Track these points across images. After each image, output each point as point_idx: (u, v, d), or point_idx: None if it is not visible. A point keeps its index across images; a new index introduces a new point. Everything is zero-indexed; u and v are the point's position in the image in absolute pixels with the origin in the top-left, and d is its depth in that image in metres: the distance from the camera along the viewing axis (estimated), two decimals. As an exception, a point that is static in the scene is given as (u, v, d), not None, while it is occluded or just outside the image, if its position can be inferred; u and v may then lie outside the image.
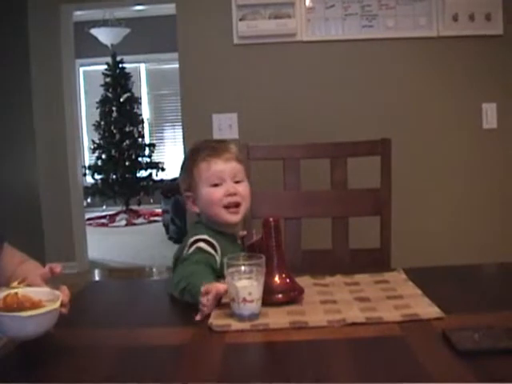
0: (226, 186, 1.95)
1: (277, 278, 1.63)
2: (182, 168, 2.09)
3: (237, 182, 1.98)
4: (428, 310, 1.50)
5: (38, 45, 5.84)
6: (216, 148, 2.01)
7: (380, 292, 1.69)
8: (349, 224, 2.45)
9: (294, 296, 1.62)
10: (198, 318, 1.55)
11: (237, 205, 1.96)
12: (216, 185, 1.96)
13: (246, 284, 1.54)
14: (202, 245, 1.90)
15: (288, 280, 1.64)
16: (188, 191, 2.04)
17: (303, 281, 1.75)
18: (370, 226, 2.41)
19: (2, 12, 4.96)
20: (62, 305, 1.39)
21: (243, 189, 1.99)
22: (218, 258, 1.87)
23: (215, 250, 1.90)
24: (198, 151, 2.04)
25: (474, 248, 3.65)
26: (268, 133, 3.65)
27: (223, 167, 1.96)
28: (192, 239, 1.92)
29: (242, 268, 1.57)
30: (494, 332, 1.29)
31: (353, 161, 2.44)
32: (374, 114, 3.72)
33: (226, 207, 1.94)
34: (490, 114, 3.68)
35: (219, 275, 1.74)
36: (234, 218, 1.95)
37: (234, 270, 1.57)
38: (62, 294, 1.42)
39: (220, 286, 1.56)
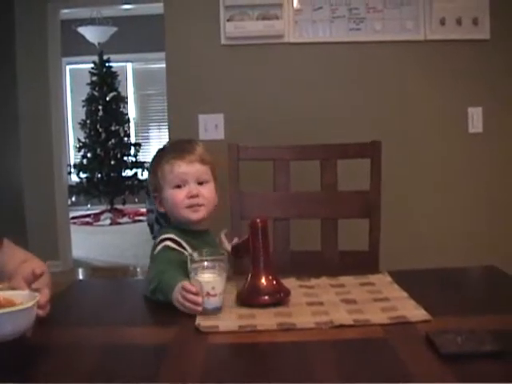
0: (188, 187, 1.96)
1: (263, 280, 1.63)
2: (149, 169, 2.12)
3: (201, 184, 1.99)
4: (415, 312, 1.51)
5: (24, 42, 5.82)
6: (180, 150, 2.02)
7: (366, 294, 1.70)
8: (338, 226, 2.46)
9: (280, 298, 1.62)
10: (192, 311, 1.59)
11: (199, 205, 1.96)
12: (179, 186, 1.97)
13: (209, 279, 1.60)
14: (168, 243, 1.93)
15: (274, 282, 1.64)
16: (155, 192, 2.06)
17: (289, 282, 1.75)
18: (359, 228, 2.41)
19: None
20: (39, 306, 1.37)
21: (207, 190, 1.99)
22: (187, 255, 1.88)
23: (183, 248, 1.93)
24: (163, 153, 2.06)
25: (461, 251, 3.66)
26: (254, 134, 3.65)
27: (186, 169, 1.97)
28: (159, 238, 1.96)
29: (205, 263, 1.63)
30: (477, 335, 1.30)
31: (342, 163, 2.44)
32: (361, 116, 3.72)
33: (189, 207, 1.95)
34: (475, 118, 3.69)
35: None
36: (195, 215, 1.95)
37: (197, 266, 1.63)
38: (41, 296, 1.39)
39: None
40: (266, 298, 1.61)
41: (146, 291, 1.79)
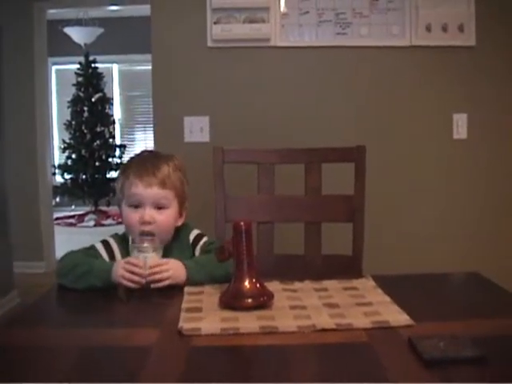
0: (142, 211, 1.95)
1: (247, 283, 1.63)
2: (117, 175, 2.12)
3: (159, 208, 1.97)
4: (398, 317, 1.51)
5: (10, 42, 5.79)
6: (143, 168, 1.99)
7: (349, 298, 1.70)
8: (322, 230, 2.46)
9: (263, 301, 1.62)
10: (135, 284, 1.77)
11: (151, 234, 1.94)
12: (136, 206, 1.97)
13: (148, 256, 1.84)
14: (98, 245, 2.01)
15: (258, 285, 1.64)
16: (117, 197, 2.08)
17: (272, 286, 1.75)
18: (343, 232, 2.42)
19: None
20: None
21: (163, 217, 1.98)
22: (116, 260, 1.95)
23: (111, 254, 1.98)
24: (129, 166, 2.05)
25: (446, 256, 3.67)
26: (239, 137, 3.65)
27: (142, 192, 1.95)
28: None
29: (146, 244, 1.87)
30: (460, 341, 1.30)
31: (327, 167, 2.45)
32: (346, 120, 3.73)
33: (140, 234, 1.94)
34: (460, 125, 3.71)
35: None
36: (146, 244, 1.91)
37: (136, 245, 1.87)
38: None
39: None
40: (249, 301, 1.61)
41: (60, 278, 1.87)
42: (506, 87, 3.74)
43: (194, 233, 2.12)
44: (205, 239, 2.10)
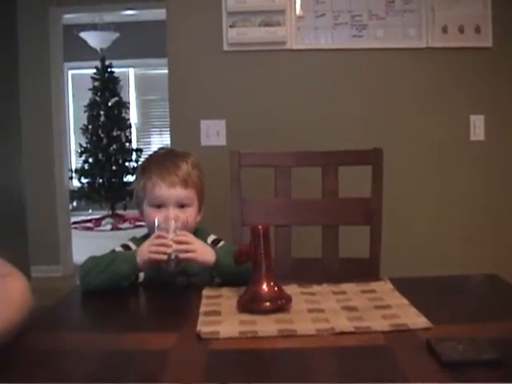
0: (165, 211, 1.97)
1: (265, 286, 1.63)
2: (136, 175, 2.13)
3: (182, 207, 1.99)
4: (416, 320, 1.51)
5: (26, 47, 5.83)
6: (164, 168, 2.00)
7: (367, 301, 1.70)
8: (339, 233, 2.45)
9: (281, 304, 1.61)
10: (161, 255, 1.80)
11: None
12: (158, 206, 1.98)
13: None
14: (118, 249, 2.02)
15: (276, 288, 1.64)
16: (137, 199, 2.09)
17: (290, 289, 1.74)
18: (360, 235, 2.41)
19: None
20: None
21: (186, 215, 1.99)
22: None
23: None
24: (148, 166, 2.07)
25: (463, 258, 3.66)
26: (256, 140, 3.65)
27: (166, 193, 1.97)
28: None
29: (170, 224, 1.87)
30: (478, 343, 1.29)
31: (344, 170, 2.44)
32: (363, 123, 3.72)
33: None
34: (477, 126, 3.69)
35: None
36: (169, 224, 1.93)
37: (163, 227, 1.86)
38: None
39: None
40: (268, 304, 1.60)
41: (84, 276, 1.86)
42: (524, 88, 3.73)
43: (212, 237, 2.14)
44: (222, 243, 2.11)
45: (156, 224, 1.88)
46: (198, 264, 1.87)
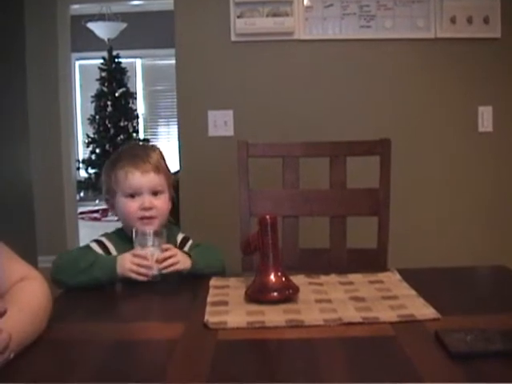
0: (141, 198, 1.98)
1: (272, 276, 1.63)
2: (103, 171, 2.11)
3: (155, 194, 2.00)
4: (424, 311, 1.51)
5: (34, 38, 5.82)
6: (135, 156, 2.01)
7: (375, 292, 1.70)
8: (347, 223, 2.45)
9: (289, 294, 1.62)
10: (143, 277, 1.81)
11: (152, 217, 1.98)
12: (132, 196, 1.98)
13: (152, 249, 1.86)
14: (92, 244, 2.00)
15: (283, 278, 1.64)
16: (107, 194, 2.08)
17: (298, 279, 1.75)
18: (368, 226, 2.40)
19: (-1, 4, 4.94)
20: None
21: (160, 202, 2.01)
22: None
23: (107, 253, 1.98)
24: (118, 157, 2.06)
25: (470, 249, 3.65)
26: (263, 131, 3.65)
27: (140, 180, 1.98)
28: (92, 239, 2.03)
29: (147, 237, 1.87)
30: (487, 334, 1.29)
31: (352, 160, 2.44)
32: (371, 114, 3.71)
33: (141, 219, 1.97)
34: (485, 118, 3.68)
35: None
36: (147, 227, 1.95)
37: (142, 240, 1.87)
38: None
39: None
40: (275, 294, 1.61)
41: (60, 274, 1.86)
42: (532, 79, 3.71)
43: (181, 236, 2.15)
44: (191, 241, 2.14)
45: (134, 236, 1.89)
46: (177, 271, 1.88)
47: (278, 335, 1.41)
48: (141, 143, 2.34)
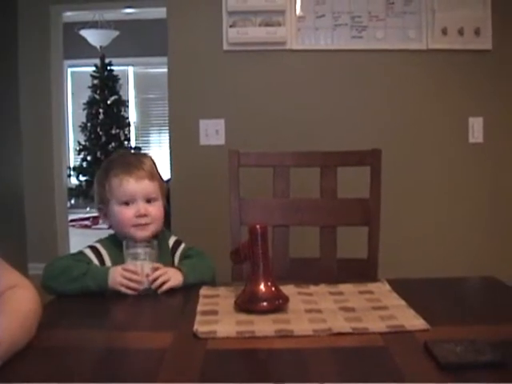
0: (136, 206, 1.97)
1: (262, 286, 1.63)
2: (96, 180, 2.10)
3: (149, 201, 2.00)
4: (413, 321, 1.51)
5: (26, 44, 5.83)
6: (129, 164, 2.00)
7: (365, 302, 1.70)
8: (337, 233, 2.45)
9: (279, 304, 1.61)
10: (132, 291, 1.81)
11: (146, 224, 1.98)
12: (127, 203, 1.98)
13: (143, 263, 1.86)
14: (86, 250, 1.99)
15: (273, 288, 1.64)
16: (100, 204, 2.06)
17: (287, 289, 1.74)
18: (358, 236, 2.41)
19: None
20: None
21: (155, 209, 2.01)
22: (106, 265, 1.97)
23: (100, 259, 1.98)
24: (111, 165, 2.05)
25: (461, 260, 3.66)
26: (255, 140, 3.65)
27: (135, 187, 1.97)
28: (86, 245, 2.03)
29: (138, 250, 1.87)
30: (477, 345, 1.29)
31: (343, 170, 2.44)
32: (362, 124, 3.72)
33: (135, 226, 1.96)
34: (476, 128, 3.70)
35: None
36: (142, 233, 1.96)
37: (131, 251, 1.87)
38: None
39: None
40: (265, 304, 1.60)
41: (51, 281, 1.85)
42: (523, 91, 3.73)
43: (173, 239, 2.15)
44: (183, 245, 2.13)
45: (124, 248, 1.89)
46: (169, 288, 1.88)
47: (268, 345, 1.41)
48: (132, 151, 2.34)
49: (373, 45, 3.67)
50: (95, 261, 1.95)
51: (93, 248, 2.00)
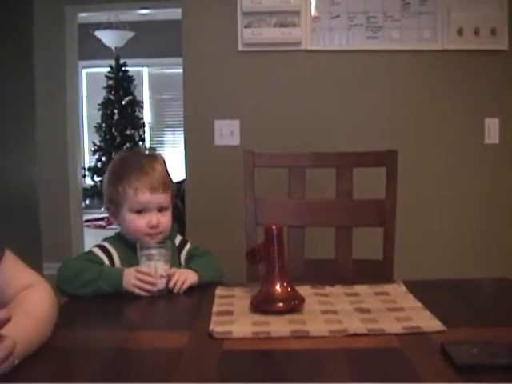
0: (149, 216, 1.98)
1: (278, 287, 1.63)
2: (107, 179, 2.09)
3: (161, 210, 2.01)
4: (429, 323, 1.50)
5: (42, 46, 5.85)
6: (144, 173, 1.99)
7: (380, 304, 1.69)
8: (352, 234, 2.45)
9: (294, 305, 1.61)
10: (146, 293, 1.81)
11: (157, 234, 2.00)
12: (139, 211, 1.99)
13: (157, 264, 1.85)
14: (95, 249, 2.00)
15: (289, 289, 1.64)
16: (109, 203, 2.06)
17: (303, 290, 1.74)
18: (374, 237, 2.40)
19: (8, 13, 4.96)
20: None
21: (165, 219, 2.02)
22: (115, 264, 1.98)
23: (110, 257, 1.98)
24: (125, 169, 2.03)
25: (477, 261, 3.65)
26: (269, 141, 3.65)
27: (149, 198, 1.98)
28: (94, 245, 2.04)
29: (152, 251, 1.87)
30: (493, 347, 1.29)
31: (358, 171, 2.43)
32: (377, 125, 3.71)
33: (147, 235, 1.98)
34: (492, 129, 3.68)
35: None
36: (151, 241, 1.98)
37: (145, 253, 1.87)
38: None
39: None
40: (281, 304, 1.61)
41: (64, 284, 1.86)
42: (539, 91, 3.71)
43: (179, 238, 2.16)
44: (189, 245, 2.15)
45: (138, 249, 1.89)
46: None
47: (283, 346, 1.41)
48: (139, 150, 2.34)
49: (388, 45, 3.65)
50: (105, 260, 1.96)
51: (102, 247, 2.01)
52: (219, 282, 1.97)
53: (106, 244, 2.03)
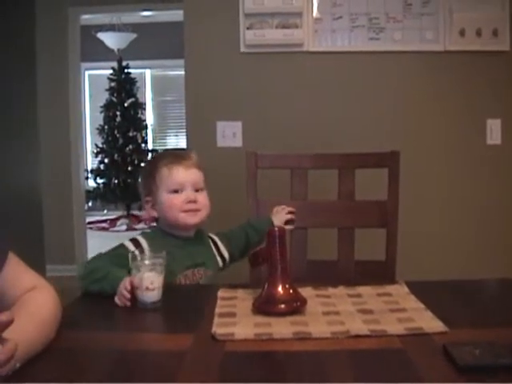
0: (186, 193, 2.04)
1: (280, 288, 1.63)
2: (142, 174, 2.18)
3: (196, 191, 2.07)
4: (432, 324, 1.50)
5: (44, 47, 5.86)
6: (177, 155, 2.10)
7: (383, 305, 1.69)
8: (355, 235, 2.45)
9: (296, 306, 1.61)
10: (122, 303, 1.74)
11: (197, 210, 2.05)
12: (176, 191, 2.04)
13: (148, 275, 1.74)
14: (126, 243, 2.03)
15: (291, 290, 1.64)
16: (148, 196, 2.11)
17: (305, 291, 1.74)
18: (376, 238, 2.40)
19: (11, 14, 4.97)
20: None
21: (203, 198, 2.08)
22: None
23: (140, 248, 2.00)
24: (159, 158, 2.13)
25: (479, 262, 3.64)
26: (272, 142, 3.65)
27: (184, 175, 2.05)
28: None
29: (146, 261, 1.78)
30: (496, 348, 1.28)
31: (360, 172, 2.44)
32: (379, 126, 3.71)
33: (186, 212, 2.03)
34: (494, 130, 3.68)
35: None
36: (192, 219, 2.04)
37: (138, 264, 1.78)
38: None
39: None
40: (283, 306, 1.61)
41: (81, 278, 1.88)
42: (541, 92, 3.71)
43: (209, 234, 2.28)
44: (216, 237, 2.32)
45: (130, 260, 1.80)
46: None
47: (286, 347, 1.41)
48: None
49: (390, 46, 3.66)
50: (136, 252, 1.95)
51: (134, 240, 2.05)
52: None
53: (139, 237, 2.07)
